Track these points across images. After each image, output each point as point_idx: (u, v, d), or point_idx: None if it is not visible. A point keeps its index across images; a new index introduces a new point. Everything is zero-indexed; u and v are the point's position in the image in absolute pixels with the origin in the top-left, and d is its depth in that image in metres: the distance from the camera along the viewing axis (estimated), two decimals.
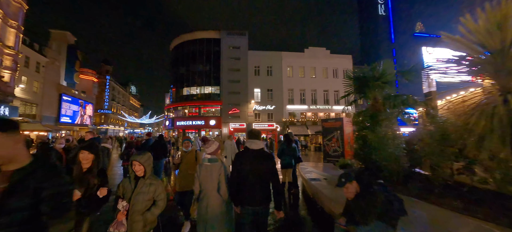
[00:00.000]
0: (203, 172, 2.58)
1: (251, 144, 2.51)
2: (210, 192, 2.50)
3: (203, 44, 30.22)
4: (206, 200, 2.49)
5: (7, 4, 19.56)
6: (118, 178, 8.16)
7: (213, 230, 2.43)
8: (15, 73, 21.02)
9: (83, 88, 40.28)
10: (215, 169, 2.56)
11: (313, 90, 31.00)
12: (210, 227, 2.44)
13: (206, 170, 2.57)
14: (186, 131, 30.29)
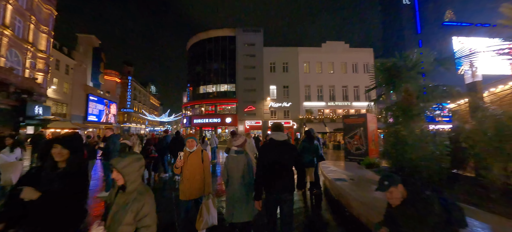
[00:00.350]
0: (231, 162, 2.87)
1: (276, 136, 2.71)
2: (236, 180, 2.78)
3: (218, 43, 30.37)
4: (233, 187, 2.79)
5: (39, 11, 21.02)
6: None
7: (240, 212, 2.71)
8: (47, 75, 22.60)
9: (107, 89, 42.57)
10: (241, 159, 2.83)
11: (331, 86, 29.88)
12: (237, 210, 2.71)
13: (233, 161, 2.86)
14: (203, 129, 30.77)
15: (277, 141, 2.67)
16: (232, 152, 2.93)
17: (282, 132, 2.78)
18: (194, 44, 32.77)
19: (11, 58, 17.97)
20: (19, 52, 18.70)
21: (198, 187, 3.08)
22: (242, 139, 2.98)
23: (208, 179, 3.15)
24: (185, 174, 3.09)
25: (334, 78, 29.73)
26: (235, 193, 2.75)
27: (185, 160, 3.10)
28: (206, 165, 3.17)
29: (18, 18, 18.38)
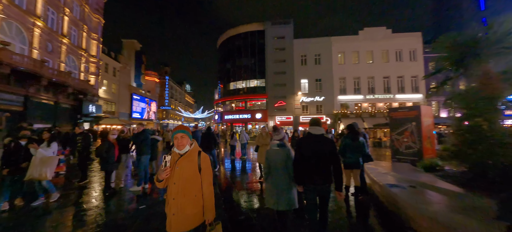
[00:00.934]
0: (272, 155, 3.07)
1: (313, 130, 2.84)
2: (278, 171, 2.96)
3: (247, 38, 30.14)
4: (275, 177, 2.97)
5: (89, 20, 23.57)
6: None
7: (285, 200, 2.87)
8: (98, 78, 25.36)
9: (148, 88, 46.31)
10: (283, 152, 3.02)
11: (370, 77, 27.13)
12: (282, 199, 2.88)
13: (275, 153, 3.05)
14: (233, 124, 31.15)
15: (315, 135, 2.81)
16: (274, 145, 3.12)
17: (320, 126, 2.89)
18: (224, 41, 33.20)
19: (69, 64, 20.51)
20: (75, 58, 21.25)
21: (192, 213, 1.97)
22: (284, 134, 3.25)
23: (210, 198, 2.06)
24: (171, 191, 1.99)
25: (374, 69, 26.91)
26: (278, 183, 2.94)
27: (172, 168, 2.00)
28: (206, 175, 2.08)
29: (73, 27, 20.83)
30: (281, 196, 2.88)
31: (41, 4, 16.41)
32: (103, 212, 3.96)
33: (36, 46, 16.11)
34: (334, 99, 26.94)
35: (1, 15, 13.23)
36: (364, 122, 24.63)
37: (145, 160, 5.30)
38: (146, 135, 5.33)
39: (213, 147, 7.68)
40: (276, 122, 27.45)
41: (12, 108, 14.67)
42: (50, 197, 4.38)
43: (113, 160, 4.95)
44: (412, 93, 26.27)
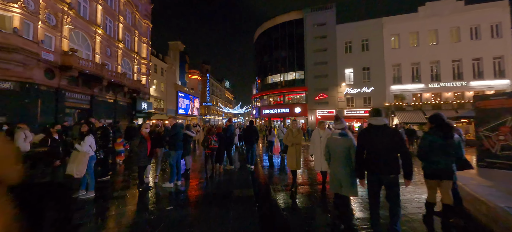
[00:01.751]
0: (332, 143, 3.21)
1: (374, 121, 2.79)
2: (339, 159, 3.12)
3: (285, 29, 28.75)
4: (336, 165, 3.16)
5: (140, 26, 25.96)
6: (197, 166, 7.78)
7: (347, 187, 3.03)
8: (148, 77, 27.93)
9: (191, 86, 49.44)
10: (345, 141, 3.15)
11: (434, 62, 22.68)
12: (345, 185, 3.05)
13: (336, 142, 3.19)
14: (271, 119, 30.49)
15: (376, 126, 2.74)
16: (336, 134, 3.24)
17: (381, 116, 2.81)
18: (261, 34, 32.55)
19: (124, 66, 22.99)
20: (129, 60, 23.71)
21: None
22: (345, 124, 3.33)
23: None
24: None
25: (439, 51, 22.35)
26: (339, 170, 3.07)
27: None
28: None
29: (127, 33, 23.20)
30: (343, 183, 3.03)
31: (100, 14, 18.58)
32: (126, 212, 3.75)
33: (98, 52, 18.38)
34: (386, 89, 23.51)
35: (70, 26, 15.36)
36: (425, 116, 20.78)
37: (176, 156, 5.04)
38: (177, 130, 5.05)
39: (254, 141, 7.70)
40: (317, 116, 25.60)
41: (81, 106, 17.14)
42: (85, 193, 4.43)
43: (145, 155, 4.80)
44: (495, 78, 20.89)
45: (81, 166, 4.02)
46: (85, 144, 4.22)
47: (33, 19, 12.70)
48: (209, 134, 5.95)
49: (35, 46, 12.67)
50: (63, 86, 15.04)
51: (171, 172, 5.00)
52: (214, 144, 5.99)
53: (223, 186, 5.33)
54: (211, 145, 5.90)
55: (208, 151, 5.84)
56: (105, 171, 5.46)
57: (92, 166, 4.32)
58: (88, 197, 4.29)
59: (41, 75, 13.60)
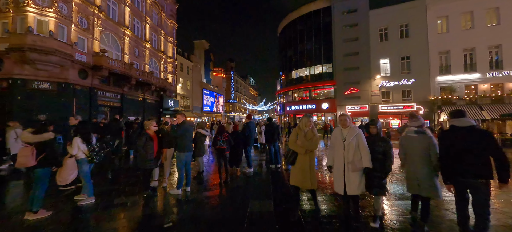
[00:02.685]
0: (407, 141, 3.11)
1: (457, 122, 2.62)
2: (416, 157, 2.99)
3: (310, 19, 26.89)
4: (413, 163, 3.02)
5: (165, 26, 26.64)
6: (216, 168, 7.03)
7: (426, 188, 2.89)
8: (174, 76, 28.69)
9: (216, 84, 50.10)
10: (422, 139, 2.95)
11: (494, 47, 18.98)
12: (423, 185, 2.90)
13: (412, 140, 3.04)
14: (297, 116, 29.07)
15: (459, 127, 2.62)
16: (411, 132, 3.09)
17: (465, 117, 2.63)
18: (285, 27, 31.11)
19: (151, 65, 23.78)
20: (156, 59, 24.48)
21: None
22: (422, 121, 3.13)
23: None
24: None
25: (501, 34, 18.60)
26: (416, 169, 2.97)
27: None
28: None
29: (153, 33, 23.92)
30: (423, 183, 2.90)
31: (128, 15, 19.28)
32: (117, 227, 3.17)
33: (126, 52, 19.15)
34: (430, 81, 20.44)
35: (100, 28, 16.09)
36: (482, 111, 17.53)
37: (184, 158, 4.41)
38: (185, 127, 4.40)
39: (276, 139, 7.07)
40: (347, 112, 23.51)
41: (112, 104, 18.03)
42: (85, 199, 4.00)
43: (151, 156, 4.25)
44: None
45: (65, 171, 3.63)
46: (72, 146, 3.80)
47: (66, 22, 13.45)
48: (219, 133, 5.19)
49: (69, 48, 13.42)
50: (95, 85, 15.87)
51: (179, 177, 4.39)
52: (221, 145, 5.20)
53: (238, 194, 4.55)
54: (218, 145, 5.14)
55: (216, 152, 5.12)
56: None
57: (86, 169, 3.89)
58: (87, 203, 3.89)
59: (75, 76, 14.45)
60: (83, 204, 3.85)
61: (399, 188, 5.01)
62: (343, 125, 3.19)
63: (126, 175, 5.75)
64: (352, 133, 3.09)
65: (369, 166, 2.95)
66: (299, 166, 3.35)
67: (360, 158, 3.01)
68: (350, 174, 3.00)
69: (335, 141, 3.22)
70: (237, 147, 5.75)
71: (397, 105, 21.40)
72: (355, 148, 3.02)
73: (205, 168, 5.64)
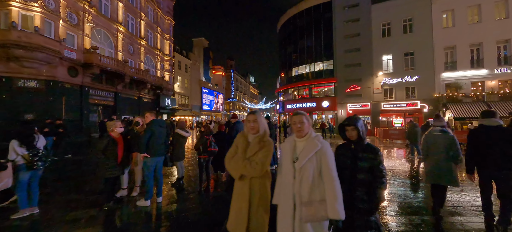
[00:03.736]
0: (432, 139, 3.46)
1: (486, 122, 2.92)
2: (438, 153, 3.35)
3: (310, 14, 26.11)
4: (435, 158, 3.36)
5: (162, 23, 26.06)
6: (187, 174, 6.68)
7: (448, 178, 3.30)
8: (171, 74, 28.15)
9: (215, 82, 49.50)
10: (446, 137, 3.33)
11: (502, 41, 18.12)
12: (445, 177, 3.31)
13: (437, 138, 3.41)
14: None
15: (488, 126, 2.89)
16: (436, 131, 3.46)
17: (495, 118, 2.90)
18: (284, 23, 30.36)
19: (147, 63, 23.25)
20: (152, 57, 23.94)
21: None
22: (444, 121, 3.61)
23: None
24: None
25: (511, 27, 17.72)
26: (439, 162, 3.32)
27: None
28: None
29: (149, 30, 23.35)
30: (443, 174, 3.30)
31: (122, 11, 18.72)
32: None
33: (120, 49, 18.61)
34: (435, 78, 19.63)
35: (91, 24, 15.54)
36: (491, 109, 16.69)
37: (153, 163, 3.81)
38: (153, 128, 3.80)
39: (273, 139, 6.10)
40: (348, 110, 22.80)
41: (105, 103, 17.52)
42: (18, 212, 3.35)
43: (114, 162, 3.67)
44: None
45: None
46: (9, 150, 3.23)
47: (54, 18, 12.91)
48: (206, 133, 4.59)
49: (57, 44, 12.90)
50: (86, 83, 15.37)
51: (147, 186, 3.79)
52: (214, 147, 4.62)
53: (219, 206, 3.95)
54: (211, 148, 4.55)
55: (204, 155, 4.51)
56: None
57: (23, 178, 3.27)
58: (20, 217, 3.27)
59: (64, 73, 13.94)
60: (16, 217, 3.25)
61: None
62: (298, 132, 1.82)
63: (98, 181, 5.15)
64: (310, 148, 1.73)
65: (338, 217, 1.62)
66: (234, 200, 1.97)
67: (322, 196, 1.69)
68: (303, 227, 1.66)
69: (282, 162, 1.87)
70: (223, 150, 5.15)
71: (400, 103, 20.62)
72: (314, 177, 1.70)
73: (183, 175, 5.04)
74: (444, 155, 3.29)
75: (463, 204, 4.04)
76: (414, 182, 5.61)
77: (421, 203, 4.15)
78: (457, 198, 4.33)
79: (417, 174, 6.46)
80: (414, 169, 7.17)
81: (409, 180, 5.78)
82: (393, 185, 5.25)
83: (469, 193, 4.61)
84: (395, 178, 5.95)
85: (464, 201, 4.22)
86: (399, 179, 5.84)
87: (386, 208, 3.87)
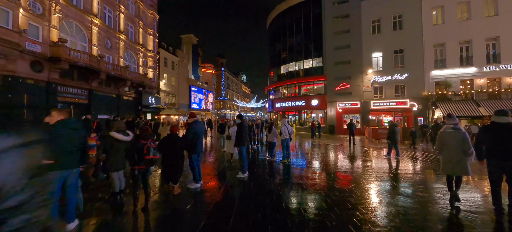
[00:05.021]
0: (447, 135, 3.95)
1: (499, 120, 3.43)
2: (452, 148, 3.86)
3: (300, 10, 25.38)
4: (450, 152, 3.88)
5: (145, 17, 24.75)
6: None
7: (459, 168, 3.83)
8: (156, 71, 26.86)
9: (205, 80, 48.25)
10: (458, 133, 3.85)
11: (491, 39, 17.90)
12: (457, 168, 3.84)
13: (450, 134, 3.91)
14: (286, 113, 27.70)
15: (500, 123, 3.39)
16: (449, 128, 3.95)
17: (507, 116, 3.38)
18: (273, 20, 29.56)
19: (128, 59, 21.95)
20: (133, 53, 22.63)
21: None
22: (457, 120, 4.01)
23: None
24: None
25: (500, 24, 17.50)
26: (452, 156, 3.85)
27: None
28: None
29: (130, 24, 22.03)
30: (456, 166, 3.83)
31: (97, 3, 17.40)
32: None
33: (95, 43, 17.30)
34: (425, 76, 19.27)
35: (59, 14, 14.23)
36: (479, 107, 16.45)
37: (58, 178, 2.87)
38: (58, 131, 2.86)
39: (244, 143, 5.79)
40: (338, 109, 22.23)
41: (78, 101, 16.23)
42: None
43: None
44: None
45: None
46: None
47: (11, 5, 11.60)
48: (143, 137, 3.67)
49: (15, 35, 11.63)
50: (54, 79, 14.07)
51: (52, 209, 2.87)
52: (154, 154, 3.70)
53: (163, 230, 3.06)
54: (149, 155, 3.62)
55: (140, 166, 3.59)
56: None
57: None
58: None
59: (26, 68, 12.64)
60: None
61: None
62: None
63: None
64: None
65: None
66: None
67: None
68: None
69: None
70: (175, 157, 4.25)
71: (390, 101, 20.18)
72: None
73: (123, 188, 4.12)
74: (456, 149, 3.81)
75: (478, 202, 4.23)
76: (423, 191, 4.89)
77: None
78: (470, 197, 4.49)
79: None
80: (406, 169, 6.50)
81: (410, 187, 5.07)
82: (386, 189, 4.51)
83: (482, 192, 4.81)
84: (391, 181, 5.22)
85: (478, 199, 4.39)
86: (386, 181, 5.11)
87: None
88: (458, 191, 3.95)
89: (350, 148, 12.29)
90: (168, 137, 4.35)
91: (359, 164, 8.01)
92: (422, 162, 8.27)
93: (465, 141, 3.75)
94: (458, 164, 3.78)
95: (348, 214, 3.56)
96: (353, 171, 6.74)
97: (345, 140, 16.14)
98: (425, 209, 3.82)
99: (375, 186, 5.15)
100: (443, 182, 5.07)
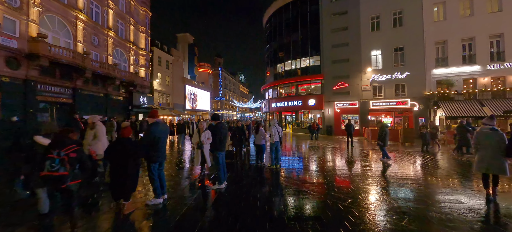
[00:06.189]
0: (483, 136, 4.14)
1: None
2: (489, 147, 4.04)
3: (296, 7, 24.62)
4: (486, 151, 4.06)
5: (136, 14, 23.92)
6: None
7: (495, 167, 4.02)
8: (148, 70, 26.01)
9: (201, 80, 47.41)
10: (494, 134, 4.03)
11: (495, 36, 17.16)
12: (493, 166, 4.03)
13: (487, 134, 4.09)
14: (282, 113, 26.92)
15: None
16: (486, 129, 4.14)
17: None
18: (270, 17, 28.80)
19: (118, 57, 21.10)
20: (123, 50, 21.79)
21: None
22: (495, 121, 4.23)
23: None
24: None
25: (504, 21, 16.76)
26: (488, 155, 4.03)
27: None
28: None
29: (120, 21, 21.19)
30: (491, 164, 4.03)
31: None
32: None
33: (80, 40, 16.46)
34: (426, 74, 18.50)
35: (39, 8, 13.39)
36: (483, 107, 15.69)
37: None
38: None
39: (222, 147, 5.02)
40: (336, 109, 21.44)
41: (60, 100, 15.36)
42: None
43: None
44: None
45: None
46: None
47: None
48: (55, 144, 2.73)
49: None
50: (33, 77, 13.21)
51: None
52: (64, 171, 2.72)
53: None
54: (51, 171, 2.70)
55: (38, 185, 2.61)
56: None
57: None
58: None
59: (1, 65, 11.78)
60: None
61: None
62: None
63: None
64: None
65: None
66: None
67: None
68: None
69: None
70: (125, 167, 3.42)
71: (390, 101, 19.40)
72: None
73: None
74: (493, 149, 4.01)
75: None
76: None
77: None
78: None
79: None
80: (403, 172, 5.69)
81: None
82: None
83: None
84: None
85: None
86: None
87: None
88: (496, 189, 4.10)
89: (348, 150, 11.49)
90: (117, 142, 3.52)
91: (358, 169, 7.23)
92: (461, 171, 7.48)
93: (503, 142, 3.95)
94: (494, 164, 3.97)
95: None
96: (352, 179, 5.91)
97: (343, 142, 15.35)
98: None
99: (377, 201, 4.33)
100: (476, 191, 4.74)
